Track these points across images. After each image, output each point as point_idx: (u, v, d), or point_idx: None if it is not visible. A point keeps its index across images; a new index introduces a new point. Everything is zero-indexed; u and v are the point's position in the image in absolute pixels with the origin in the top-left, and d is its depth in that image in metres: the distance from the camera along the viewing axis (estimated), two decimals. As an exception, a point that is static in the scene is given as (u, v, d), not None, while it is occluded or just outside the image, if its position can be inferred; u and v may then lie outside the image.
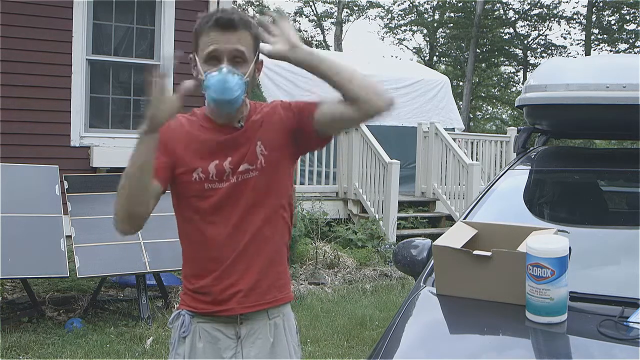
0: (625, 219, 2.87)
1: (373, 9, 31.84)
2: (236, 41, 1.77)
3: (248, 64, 1.79)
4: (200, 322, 1.87)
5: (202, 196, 1.84)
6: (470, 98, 27.10)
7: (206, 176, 1.83)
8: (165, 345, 4.55)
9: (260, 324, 1.88)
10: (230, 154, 1.83)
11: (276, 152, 1.86)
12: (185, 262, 1.94)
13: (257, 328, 1.87)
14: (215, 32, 1.77)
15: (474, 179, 8.61)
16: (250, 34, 1.80)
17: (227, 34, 1.77)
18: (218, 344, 1.85)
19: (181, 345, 1.88)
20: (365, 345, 4.81)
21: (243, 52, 1.78)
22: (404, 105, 11.13)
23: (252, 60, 1.81)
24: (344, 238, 7.91)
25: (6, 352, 4.32)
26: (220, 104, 1.77)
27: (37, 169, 5.36)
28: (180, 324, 1.88)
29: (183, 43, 7.15)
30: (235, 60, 1.77)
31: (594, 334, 1.83)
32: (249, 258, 1.84)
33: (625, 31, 26.56)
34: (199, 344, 1.85)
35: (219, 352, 1.85)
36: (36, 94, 6.37)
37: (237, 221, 1.83)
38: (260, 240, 1.85)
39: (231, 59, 1.76)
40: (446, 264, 2.13)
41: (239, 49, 1.77)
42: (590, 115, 2.75)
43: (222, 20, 1.77)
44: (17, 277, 4.94)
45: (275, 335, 1.89)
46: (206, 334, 1.86)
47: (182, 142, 1.85)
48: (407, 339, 2.05)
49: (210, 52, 1.77)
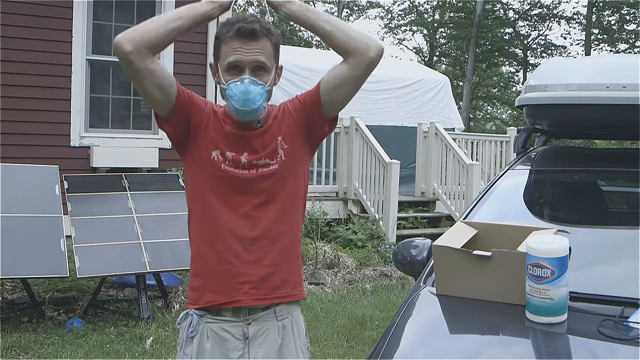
0: (625, 219, 2.87)
1: (373, 9, 31.87)
2: (258, 51, 1.80)
3: (269, 73, 1.83)
4: (209, 323, 1.86)
5: (218, 176, 1.85)
6: (470, 98, 27.09)
7: (224, 159, 1.85)
8: (165, 345, 4.55)
9: (268, 324, 1.87)
10: (247, 149, 1.86)
11: (295, 143, 1.91)
12: (194, 258, 1.93)
13: (266, 329, 1.87)
14: (237, 42, 1.79)
15: (474, 179, 8.61)
16: (270, 42, 1.83)
17: (248, 44, 1.79)
18: (226, 345, 1.85)
19: (189, 346, 1.87)
20: (365, 345, 4.81)
21: (265, 63, 1.81)
22: (404, 105, 11.13)
23: (273, 68, 1.84)
24: (344, 238, 7.90)
25: (6, 352, 4.32)
26: (242, 113, 1.82)
27: (37, 169, 5.36)
28: (188, 324, 1.88)
29: (183, 43, 7.16)
30: (256, 71, 1.80)
31: (594, 334, 1.83)
32: (261, 250, 1.84)
33: (625, 31, 26.56)
34: (207, 344, 1.85)
35: (227, 352, 1.84)
36: (36, 94, 6.38)
37: (251, 210, 1.84)
38: (274, 233, 1.85)
39: (253, 69, 1.79)
40: (446, 264, 2.13)
41: (261, 60, 1.80)
42: (590, 115, 2.75)
43: (243, 29, 1.78)
44: (17, 277, 4.94)
45: (283, 337, 1.88)
46: (214, 334, 1.85)
47: (210, 117, 1.88)
48: (407, 338, 2.05)
49: (232, 62, 1.79)
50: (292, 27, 31.05)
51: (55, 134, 6.56)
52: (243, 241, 1.83)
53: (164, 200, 5.53)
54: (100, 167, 6.66)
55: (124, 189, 5.47)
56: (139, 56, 1.72)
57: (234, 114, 1.83)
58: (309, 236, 7.52)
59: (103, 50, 6.93)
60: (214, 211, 1.84)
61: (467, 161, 8.81)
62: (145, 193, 5.51)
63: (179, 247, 5.13)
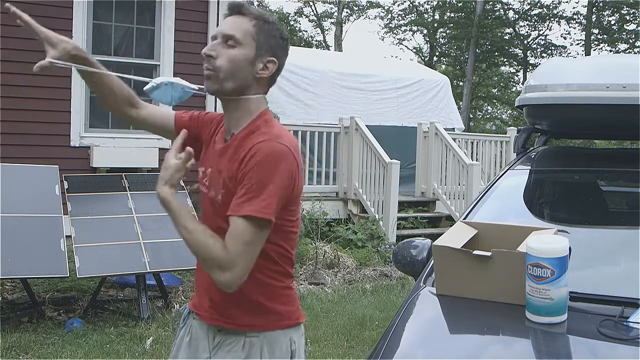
0: (625, 219, 2.88)
1: (373, 9, 31.86)
2: (235, 24, 1.78)
3: (242, 48, 1.75)
4: (194, 319, 1.89)
5: (201, 193, 1.87)
6: (470, 98, 27.09)
7: (202, 177, 1.84)
8: (165, 345, 4.55)
9: (234, 337, 1.77)
10: (214, 164, 1.79)
11: (231, 197, 1.68)
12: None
13: (232, 340, 1.77)
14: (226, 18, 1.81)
15: (474, 179, 8.61)
16: (256, 24, 1.78)
17: (232, 17, 1.79)
18: (198, 343, 1.85)
19: (177, 336, 1.94)
20: (365, 345, 4.82)
21: (234, 35, 1.74)
22: (404, 105, 11.14)
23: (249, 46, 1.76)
24: (344, 238, 7.91)
25: (6, 352, 4.32)
26: None
27: (37, 169, 5.36)
28: (181, 317, 1.95)
29: (183, 43, 7.16)
30: (227, 41, 1.77)
31: (594, 334, 1.83)
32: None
33: (625, 31, 26.57)
34: (186, 338, 1.88)
35: (198, 350, 1.83)
36: (36, 94, 6.37)
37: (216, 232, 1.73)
38: None
39: (224, 38, 1.75)
40: (446, 264, 2.13)
41: (231, 33, 1.76)
42: (590, 115, 2.75)
43: (231, 4, 1.78)
44: (17, 277, 4.94)
45: (248, 353, 1.75)
46: (194, 330, 1.87)
47: (214, 138, 1.86)
48: (407, 338, 2.05)
49: (213, 35, 1.80)
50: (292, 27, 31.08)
51: (55, 134, 6.56)
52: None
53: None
54: (100, 167, 6.66)
55: (124, 189, 5.47)
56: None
57: None
58: (309, 236, 7.52)
59: (103, 50, 6.92)
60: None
61: (467, 161, 8.81)
62: (145, 193, 5.51)
63: (179, 247, 5.12)
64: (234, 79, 1.71)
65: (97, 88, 1.90)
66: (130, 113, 1.91)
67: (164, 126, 1.94)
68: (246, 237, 1.61)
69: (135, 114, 1.92)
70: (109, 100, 1.90)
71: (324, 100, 10.20)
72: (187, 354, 1.86)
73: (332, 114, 9.81)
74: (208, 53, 1.71)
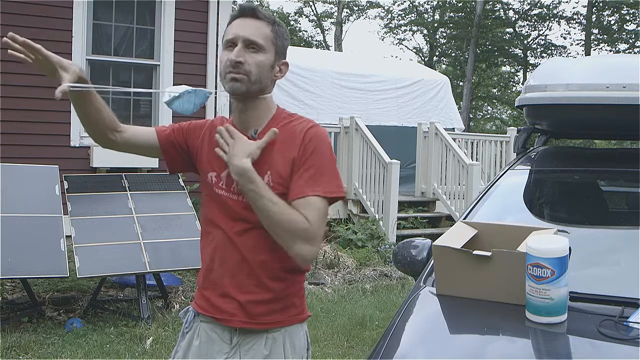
0: (625, 219, 2.87)
1: (373, 9, 31.89)
2: (254, 29, 1.81)
3: (265, 54, 1.81)
4: (202, 322, 1.88)
5: (212, 197, 1.86)
6: (470, 98, 27.10)
7: (217, 181, 1.84)
8: (165, 345, 4.55)
9: (254, 335, 1.81)
10: (223, 166, 1.80)
11: (284, 188, 1.74)
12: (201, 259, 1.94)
13: (252, 339, 1.81)
14: (238, 20, 1.82)
15: (474, 179, 8.61)
16: (272, 28, 1.83)
17: (247, 21, 1.81)
18: (213, 346, 1.84)
19: (182, 340, 1.92)
20: (365, 345, 4.82)
21: (256, 41, 1.79)
22: (404, 105, 11.14)
23: (269, 52, 1.82)
24: (344, 238, 7.91)
25: (6, 352, 4.32)
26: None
27: (37, 169, 5.36)
28: (186, 320, 1.92)
29: (183, 43, 7.16)
30: (250, 47, 1.80)
31: (594, 334, 1.83)
32: (240, 277, 1.79)
33: (625, 31, 26.58)
34: (196, 341, 1.87)
35: (213, 353, 1.84)
36: (36, 94, 6.37)
37: (231, 234, 1.79)
38: (252, 261, 1.78)
39: (246, 45, 1.78)
40: (446, 264, 2.13)
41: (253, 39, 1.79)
42: (590, 115, 2.75)
43: (244, 6, 1.80)
44: (17, 277, 4.94)
45: (271, 350, 1.81)
46: (204, 333, 1.86)
47: (206, 139, 1.89)
48: (407, 338, 2.05)
49: (229, 40, 1.82)
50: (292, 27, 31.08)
51: (55, 134, 6.56)
52: (222, 263, 1.82)
53: (164, 200, 5.54)
54: (100, 167, 6.66)
55: (124, 189, 5.47)
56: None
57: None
58: (309, 236, 7.51)
59: (103, 50, 6.93)
60: (210, 224, 1.87)
61: (467, 161, 8.81)
62: (145, 193, 5.52)
63: (179, 247, 5.13)
64: (259, 82, 1.79)
65: (91, 118, 1.86)
66: (115, 138, 1.90)
67: (148, 143, 1.93)
68: (323, 213, 1.72)
69: (120, 138, 1.90)
70: (99, 127, 1.88)
71: (324, 100, 10.21)
72: (199, 358, 1.85)
73: (332, 114, 9.82)
74: (237, 60, 1.75)
